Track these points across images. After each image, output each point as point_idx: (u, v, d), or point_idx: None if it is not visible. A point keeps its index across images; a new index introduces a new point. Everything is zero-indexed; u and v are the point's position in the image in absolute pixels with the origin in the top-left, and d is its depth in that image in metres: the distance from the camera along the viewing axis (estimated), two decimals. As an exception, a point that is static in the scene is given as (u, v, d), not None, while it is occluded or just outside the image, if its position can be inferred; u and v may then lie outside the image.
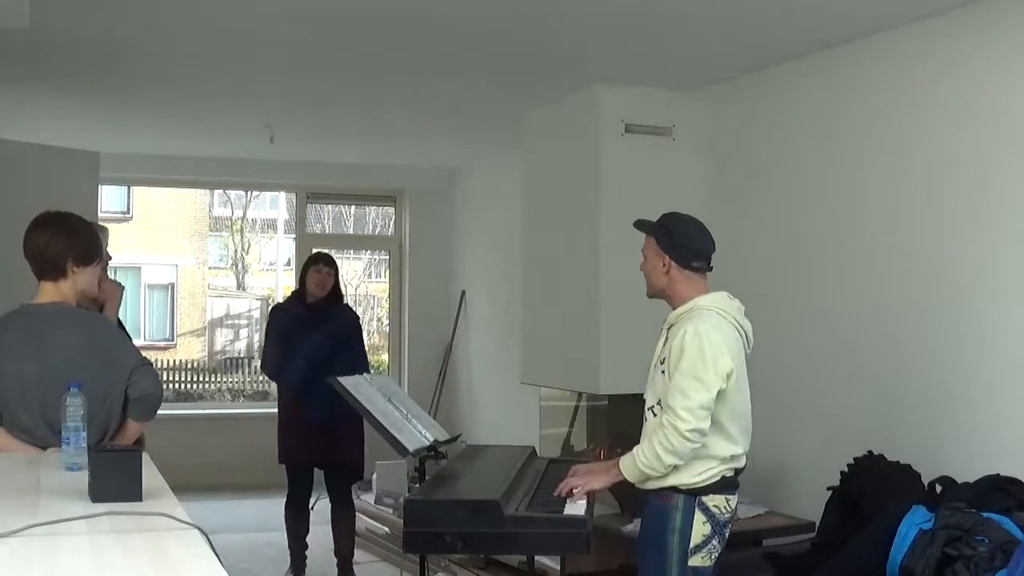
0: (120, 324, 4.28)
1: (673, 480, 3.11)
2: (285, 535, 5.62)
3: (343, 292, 5.79)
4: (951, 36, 4.01)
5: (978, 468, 3.63)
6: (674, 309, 3.25)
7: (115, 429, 3.16)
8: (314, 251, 5.91)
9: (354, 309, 5.99)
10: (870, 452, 3.95)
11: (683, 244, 3.22)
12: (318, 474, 5.55)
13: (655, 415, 3.18)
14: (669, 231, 3.24)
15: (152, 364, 3.27)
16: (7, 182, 5.77)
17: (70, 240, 3.16)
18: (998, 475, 3.54)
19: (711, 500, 3.12)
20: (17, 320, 3.13)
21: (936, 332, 4.03)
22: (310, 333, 5.40)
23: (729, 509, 3.17)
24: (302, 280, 5.57)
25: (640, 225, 3.33)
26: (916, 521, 3.39)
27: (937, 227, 4.07)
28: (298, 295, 5.64)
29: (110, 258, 4.18)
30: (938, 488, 3.63)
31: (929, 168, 4.11)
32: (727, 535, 3.19)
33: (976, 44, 3.91)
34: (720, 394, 3.07)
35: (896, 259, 4.24)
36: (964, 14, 3.93)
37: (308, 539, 5.64)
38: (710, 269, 3.28)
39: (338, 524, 5.56)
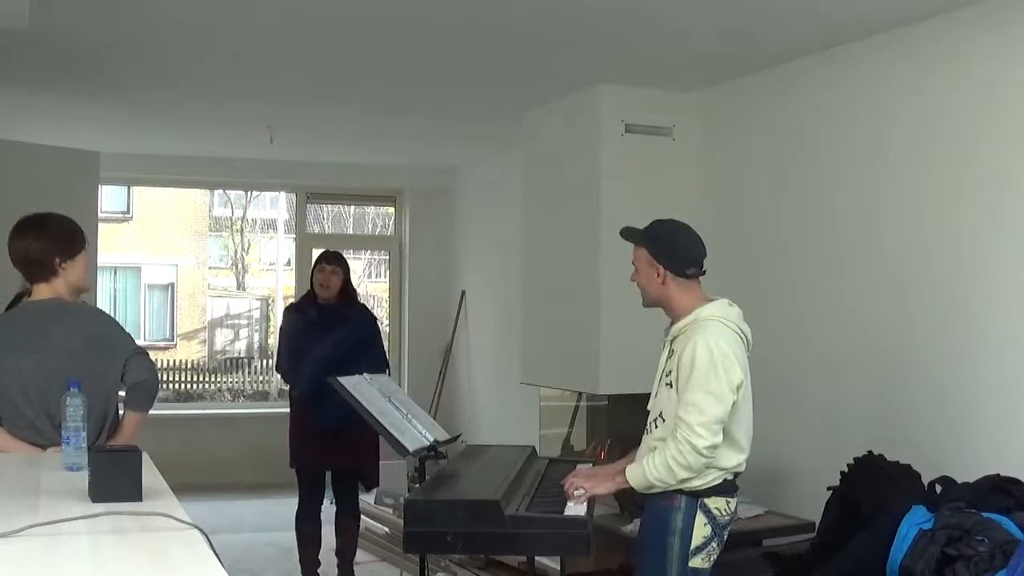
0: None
1: (677, 484, 3.10)
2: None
3: (356, 291, 5.56)
4: (952, 35, 4.01)
5: (978, 468, 3.62)
6: (672, 318, 3.24)
7: (113, 419, 3.18)
8: (323, 250, 5.64)
9: (370, 310, 5.74)
10: (870, 452, 3.95)
11: (676, 253, 3.18)
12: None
13: (657, 427, 3.17)
14: (660, 241, 3.20)
15: (147, 353, 3.33)
16: (7, 182, 5.78)
17: (50, 239, 3.21)
18: (998, 475, 3.53)
19: (713, 502, 3.12)
20: (16, 316, 3.21)
21: (936, 332, 4.03)
22: (322, 335, 5.23)
23: (729, 511, 3.17)
24: (311, 280, 5.42)
25: (628, 235, 3.27)
26: (916, 521, 3.39)
27: (937, 227, 4.06)
28: (310, 295, 5.44)
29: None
30: (938, 488, 3.63)
31: (930, 167, 4.10)
32: (726, 537, 3.19)
33: (977, 44, 3.91)
34: (732, 406, 3.06)
35: (896, 259, 4.24)
36: (965, 14, 3.93)
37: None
38: (703, 273, 3.26)
39: (343, 530, 5.44)
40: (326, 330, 5.25)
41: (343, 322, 5.30)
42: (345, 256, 5.51)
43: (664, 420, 3.13)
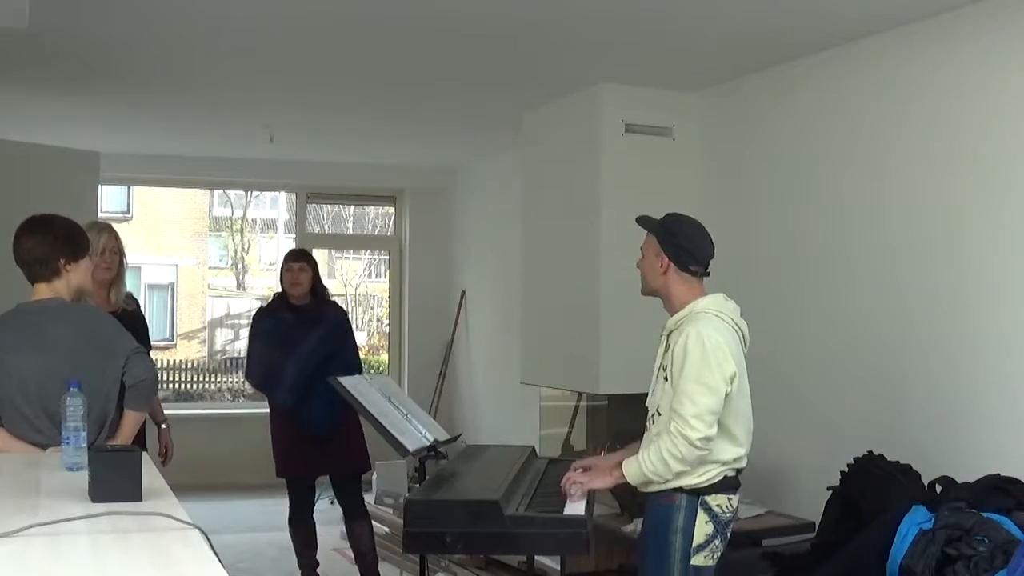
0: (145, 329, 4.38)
1: (676, 482, 3.10)
2: (289, 539, 5.37)
3: (327, 289, 5.38)
4: (954, 35, 4.01)
5: (978, 468, 3.63)
6: (669, 311, 3.25)
7: (113, 418, 3.18)
8: (289, 249, 5.53)
9: (341, 307, 5.58)
10: (870, 452, 3.95)
11: (684, 247, 3.21)
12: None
13: (655, 423, 3.18)
14: (671, 232, 3.24)
15: (147, 352, 3.33)
16: (7, 182, 5.78)
17: (57, 240, 3.21)
18: (998, 475, 3.54)
19: (714, 500, 3.12)
20: (14, 317, 3.19)
21: (937, 332, 4.03)
22: (303, 338, 5.05)
23: (731, 508, 3.17)
24: (281, 281, 5.24)
25: (643, 221, 3.32)
26: (916, 521, 3.39)
27: (938, 227, 4.07)
28: (282, 297, 5.24)
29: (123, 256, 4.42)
30: (938, 488, 3.63)
31: (931, 168, 4.10)
32: (729, 534, 3.19)
33: (979, 44, 3.91)
34: (725, 397, 3.07)
35: (896, 260, 4.24)
36: (966, 14, 3.93)
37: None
38: (707, 275, 3.27)
39: (357, 536, 5.26)
40: (306, 331, 5.08)
41: (320, 322, 5.13)
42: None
43: (661, 414, 3.14)
